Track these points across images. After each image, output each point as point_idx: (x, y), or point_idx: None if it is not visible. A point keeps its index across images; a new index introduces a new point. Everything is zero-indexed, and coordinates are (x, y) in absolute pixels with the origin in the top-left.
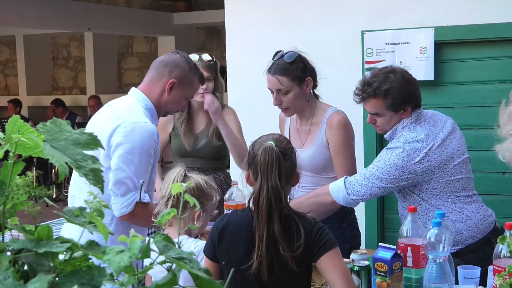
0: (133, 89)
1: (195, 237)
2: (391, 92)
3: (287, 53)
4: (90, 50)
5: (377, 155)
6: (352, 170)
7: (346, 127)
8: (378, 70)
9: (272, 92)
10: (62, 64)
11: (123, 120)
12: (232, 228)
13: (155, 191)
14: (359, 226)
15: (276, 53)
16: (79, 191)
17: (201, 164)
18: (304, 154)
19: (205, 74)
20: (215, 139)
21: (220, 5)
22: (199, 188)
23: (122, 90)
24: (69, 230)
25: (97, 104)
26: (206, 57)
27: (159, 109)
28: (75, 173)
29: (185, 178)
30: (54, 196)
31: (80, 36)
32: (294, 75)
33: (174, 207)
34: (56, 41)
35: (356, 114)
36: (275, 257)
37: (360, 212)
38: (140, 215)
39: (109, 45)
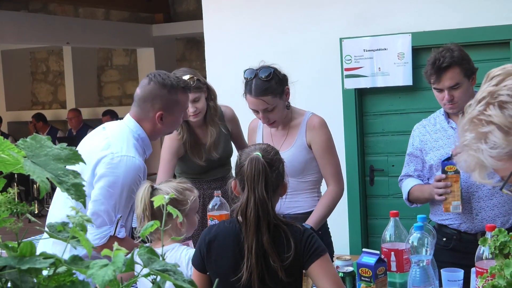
0: (127, 116)
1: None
2: (464, 57)
3: (259, 69)
4: (69, 64)
5: (358, 160)
6: (339, 169)
7: (327, 127)
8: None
9: (256, 112)
10: (41, 79)
11: (111, 151)
12: (220, 239)
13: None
14: (343, 232)
15: (245, 71)
16: (57, 209)
17: (223, 173)
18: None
19: (189, 97)
20: (223, 145)
21: (199, 16)
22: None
23: (102, 103)
24: (45, 247)
25: (75, 116)
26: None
27: (155, 137)
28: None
29: (154, 191)
30: (36, 212)
31: (58, 50)
32: (276, 91)
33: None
34: (35, 55)
35: (336, 119)
36: (265, 268)
37: (343, 218)
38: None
39: (88, 58)
